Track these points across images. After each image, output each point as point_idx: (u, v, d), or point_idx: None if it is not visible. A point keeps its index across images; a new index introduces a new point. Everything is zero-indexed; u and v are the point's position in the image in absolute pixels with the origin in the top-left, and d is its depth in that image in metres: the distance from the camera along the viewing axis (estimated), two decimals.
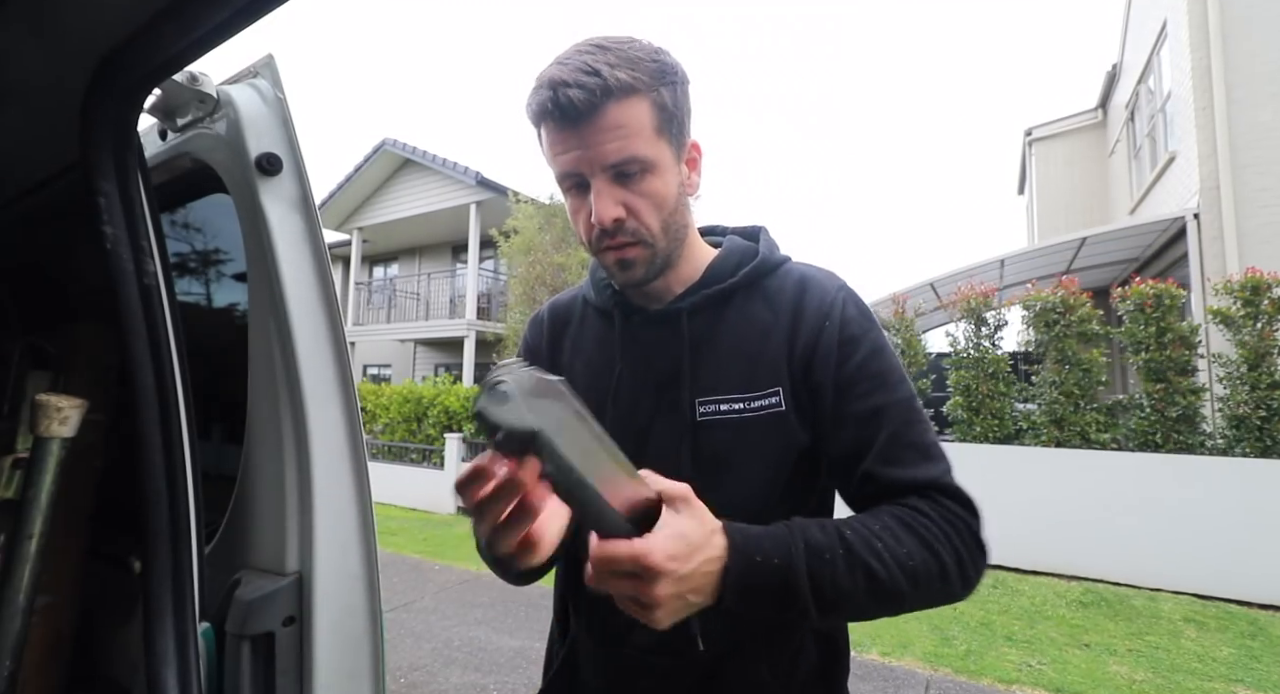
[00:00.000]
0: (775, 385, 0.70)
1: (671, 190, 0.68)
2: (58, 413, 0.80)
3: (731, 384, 0.71)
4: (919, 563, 0.59)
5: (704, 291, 0.75)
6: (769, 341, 0.71)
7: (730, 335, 0.73)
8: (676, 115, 0.67)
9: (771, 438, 0.69)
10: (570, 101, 0.61)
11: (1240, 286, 4.72)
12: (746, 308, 0.74)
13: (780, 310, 0.73)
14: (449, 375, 9.56)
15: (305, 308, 0.77)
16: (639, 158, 0.64)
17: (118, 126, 0.67)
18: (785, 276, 0.76)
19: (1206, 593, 4.20)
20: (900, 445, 0.66)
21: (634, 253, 0.68)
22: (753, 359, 0.71)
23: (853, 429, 0.67)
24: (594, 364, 0.80)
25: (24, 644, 0.77)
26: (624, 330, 0.78)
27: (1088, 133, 12.15)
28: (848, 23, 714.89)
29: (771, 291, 0.75)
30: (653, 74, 0.64)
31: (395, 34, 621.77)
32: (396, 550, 5.67)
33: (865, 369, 0.68)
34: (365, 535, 0.79)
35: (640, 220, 0.67)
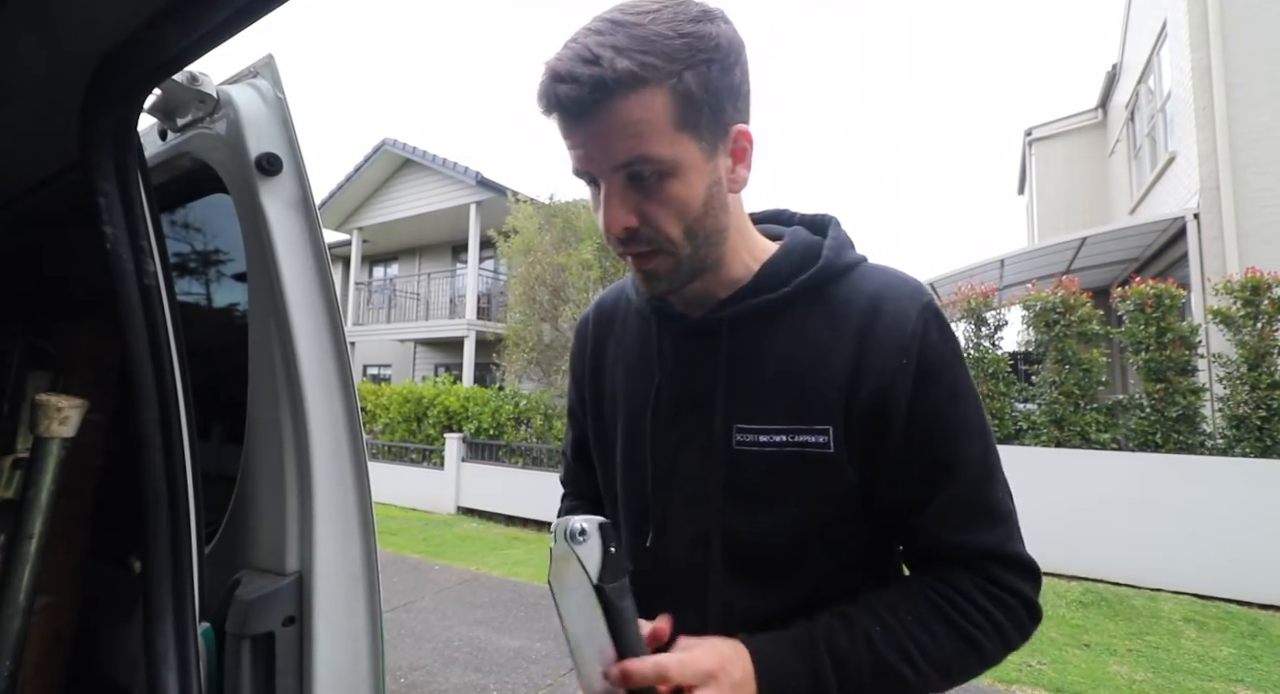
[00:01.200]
0: (826, 423, 0.60)
1: (697, 193, 0.58)
2: (58, 413, 0.80)
3: (775, 413, 0.62)
4: (952, 657, 0.57)
5: (751, 301, 0.65)
6: (826, 368, 0.61)
7: (780, 356, 0.63)
8: (710, 102, 0.56)
9: (813, 480, 0.61)
10: (567, 98, 0.53)
11: (1240, 286, 4.72)
12: (803, 324, 0.63)
13: (845, 331, 0.61)
14: (449, 375, 9.55)
15: (305, 308, 0.77)
16: (652, 159, 0.55)
17: (118, 126, 0.67)
18: (855, 287, 0.64)
19: (1206, 593, 4.20)
20: (963, 508, 0.60)
21: (655, 263, 0.60)
22: (804, 387, 0.61)
23: (914, 482, 0.61)
24: (634, 373, 0.73)
25: (24, 644, 0.77)
26: (661, 338, 0.71)
27: (1088, 133, 12.15)
28: (848, 22, 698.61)
29: (837, 304, 0.63)
30: (675, 55, 0.53)
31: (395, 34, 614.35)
32: (396, 550, 5.67)
33: (940, 416, 0.59)
34: (365, 535, 0.79)
35: (657, 228, 0.58)
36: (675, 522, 0.68)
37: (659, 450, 0.69)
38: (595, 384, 0.80)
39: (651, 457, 0.70)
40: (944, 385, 0.60)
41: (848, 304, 0.62)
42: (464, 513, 7.62)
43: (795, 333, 0.63)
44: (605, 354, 0.80)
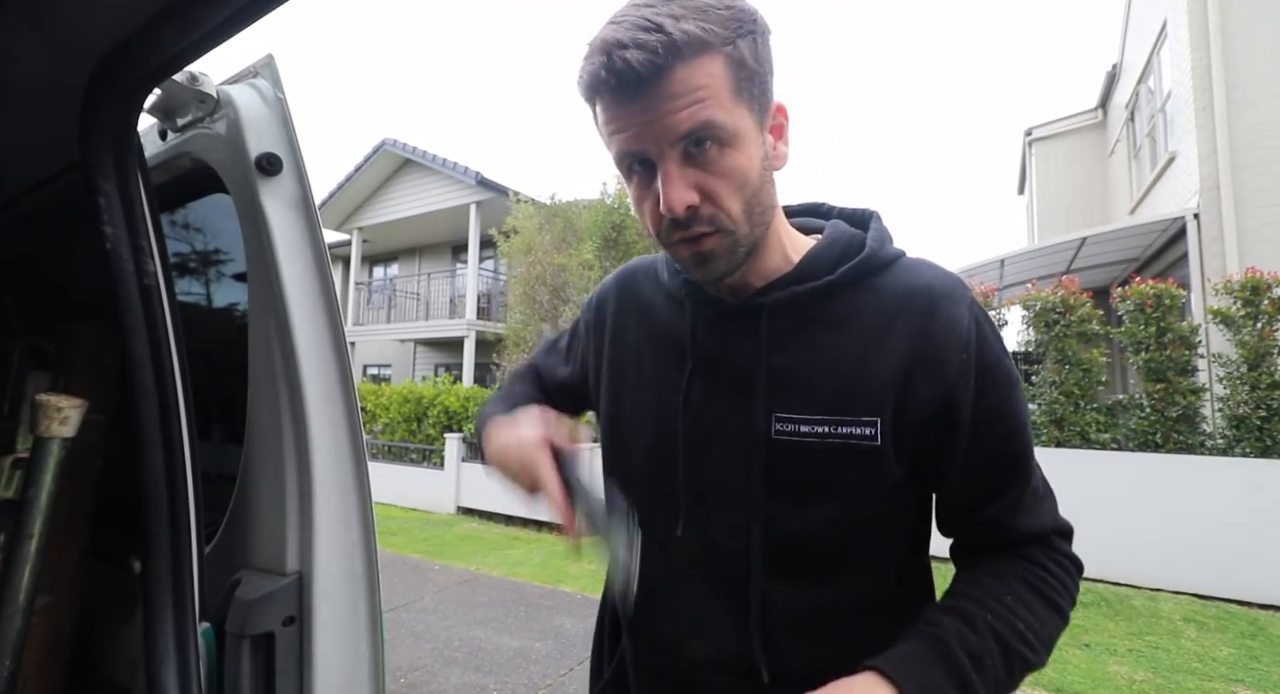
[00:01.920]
0: (875, 414, 0.58)
1: (755, 164, 0.57)
2: (58, 413, 0.80)
3: (818, 403, 0.60)
4: (1053, 628, 0.59)
5: (794, 288, 0.62)
6: (876, 359, 0.59)
7: (826, 346, 0.61)
8: (759, 72, 0.56)
9: (857, 473, 0.60)
10: (629, 65, 0.50)
11: (1240, 286, 4.72)
12: (849, 312, 0.62)
13: (897, 324, 0.60)
14: (449, 375, 9.56)
15: (305, 308, 0.77)
16: (716, 125, 0.53)
17: (118, 126, 0.67)
18: (904, 280, 0.62)
19: (1206, 593, 4.20)
20: (1029, 494, 0.63)
21: (712, 243, 0.58)
22: (850, 377, 0.59)
23: (985, 476, 0.61)
24: (663, 356, 0.70)
25: (24, 644, 0.77)
26: (696, 322, 0.68)
27: (1088, 133, 12.15)
28: (848, 22, 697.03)
29: (886, 295, 0.61)
30: (727, 23, 0.53)
31: (395, 34, 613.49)
32: (396, 550, 5.67)
33: (1005, 408, 0.60)
34: (365, 535, 0.79)
35: (719, 204, 0.56)
36: (711, 511, 0.65)
37: (692, 437, 0.66)
38: (616, 360, 0.76)
39: (684, 443, 0.66)
40: (1001, 381, 0.60)
41: (898, 296, 0.61)
42: (464, 513, 7.62)
43: (841, 321, 0.61)
44: (627, 330, 0.76)
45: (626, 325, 0.76)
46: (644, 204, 0.59)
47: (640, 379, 0.73)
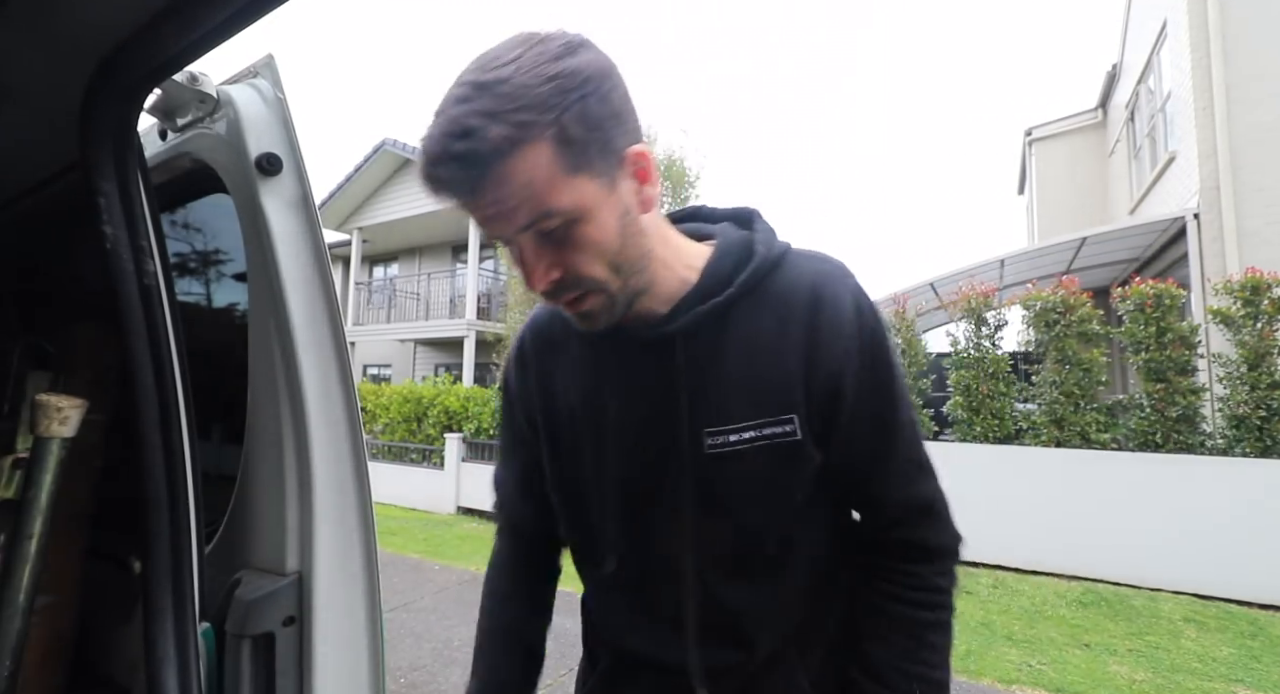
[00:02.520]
0: (790, 412, 0.63)
1: (610, 228, 0.56)
2: (58, 413, 0.80)
3: (742, 411, 0.64)
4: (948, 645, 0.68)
5: (699, 309, 0.64)
6: (781, 360, 0.63)
7: (736, 356, 0.64)
8: (595, 136, 0.53)
9: (787, 467, 0.65)
10: (449, 182, 0.51)
11: (1240, 286, 4.72)
12: (751, 321, 0.65)
13: (792, 324, 0.63)
14: (449, 375, 9.56)
15: (305, 308, 0.77)
16: (554, 212, 0.53)
17: (118, 126, 0.67)
18: (792, 278, 0.65)
19: (1206, 593, 4.20)
20: (906, 465, 0.68)
21: (589, 303, 0.60)
22: (764, 381, 0.63)
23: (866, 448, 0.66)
24: (587, 396, 0.72)
25: (24, 644, 0.77)
26: (613, 356, 0.69)
27: (1088, 133, 12.15)
28: (848, 22, 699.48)
29: (779, 298, 0.65)
30: (546, 104, 0.50)
31: (395, 34, 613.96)
32: (396, 550, 5.67)
33: (882, 387, 0.65)
34: (365, 535, 0.79)
35: (580, 274, 0.57)
36: (656, 536, 0.70)
37: (626, 468, 0.69)
38: (547, 409, 0.76)
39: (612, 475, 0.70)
40: (882, 359, 0.65)
41: (789, 296, 0.65)
42: (464, 513, 7.62)
43: (746, 332, 0.65)
44: (553, 377, 0.76)
45: (551, 371, 0.76)
46: (520, 269, 0.59)
47: (575, 422, 0.73)
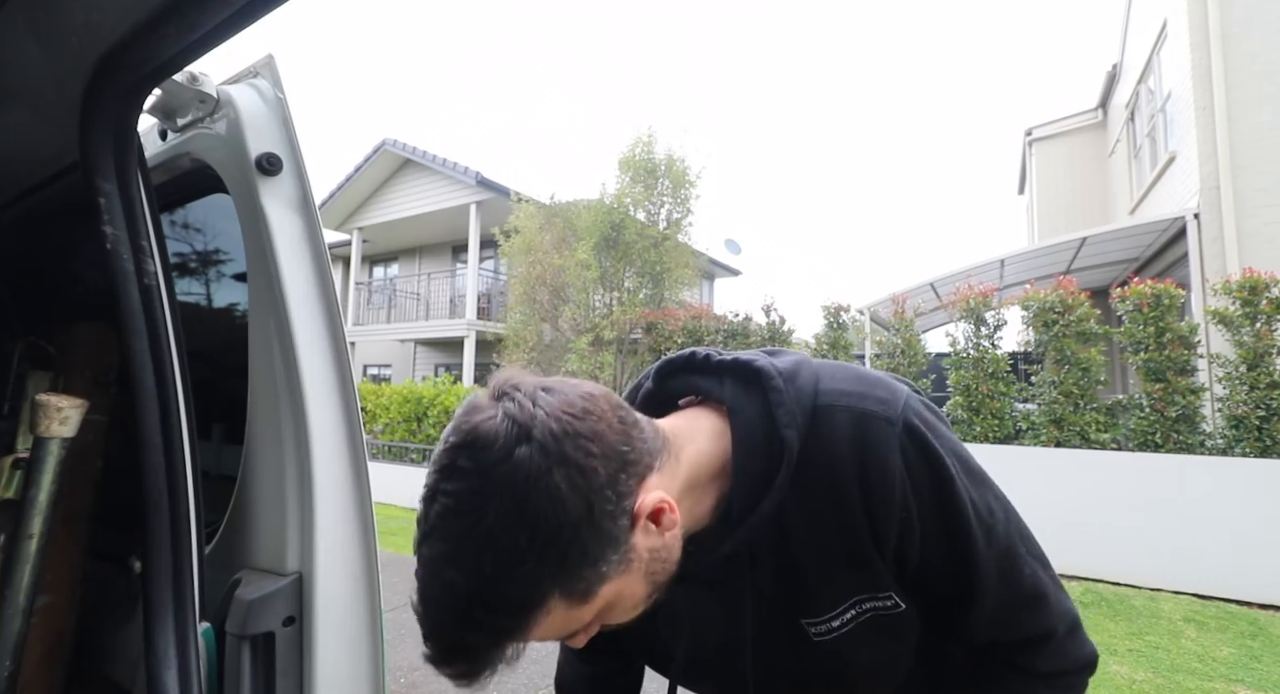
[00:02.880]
0: (882, 588, 0.59)
1: (638, 593, 0.52)
2: (58, 413, 0.79)
3: (834, 598, 0.59)
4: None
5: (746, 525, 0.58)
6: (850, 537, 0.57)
7: (805, 550, 0.58)
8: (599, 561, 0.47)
9: (900, 628, 0.62)
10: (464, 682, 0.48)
11: (1238, 287, 4.72)
12: (804, 510, 0.58)
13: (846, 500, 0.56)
14: (449, 375, 9.56)
15: (305, 308, 0.77)
16: (577, 628, 0.51)
17: (118, 126, 0.67)
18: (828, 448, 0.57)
19: (1206, 593, 4.20)
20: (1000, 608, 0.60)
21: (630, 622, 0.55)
22: (844, 565, 0.58)
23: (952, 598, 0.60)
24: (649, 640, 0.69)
25: (24, 644, 0.77)
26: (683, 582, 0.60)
27: (1088, 133, 12.15)
28: (848, 22, 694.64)
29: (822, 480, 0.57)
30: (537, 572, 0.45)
31: (395, 34, 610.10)
32: (396, 550, 5.66)
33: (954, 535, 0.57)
34: (365, 535, 0.79)
35: (620, 622, 0.54)
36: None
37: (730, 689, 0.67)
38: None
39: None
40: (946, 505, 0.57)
41: (834, 472, 0.56)
42: None
43: (804, 525, 0.58)
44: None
45: None
46: None
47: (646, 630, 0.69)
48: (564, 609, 0.47)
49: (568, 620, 0.49)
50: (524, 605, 0.45)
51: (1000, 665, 0.64)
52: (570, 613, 0.48)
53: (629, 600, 0.52)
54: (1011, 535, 0.61)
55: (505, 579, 0.44)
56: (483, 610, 0.45)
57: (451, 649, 0.46)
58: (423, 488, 0.48)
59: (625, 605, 0.52)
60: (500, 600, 0.45)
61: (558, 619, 0.48)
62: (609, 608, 0.51)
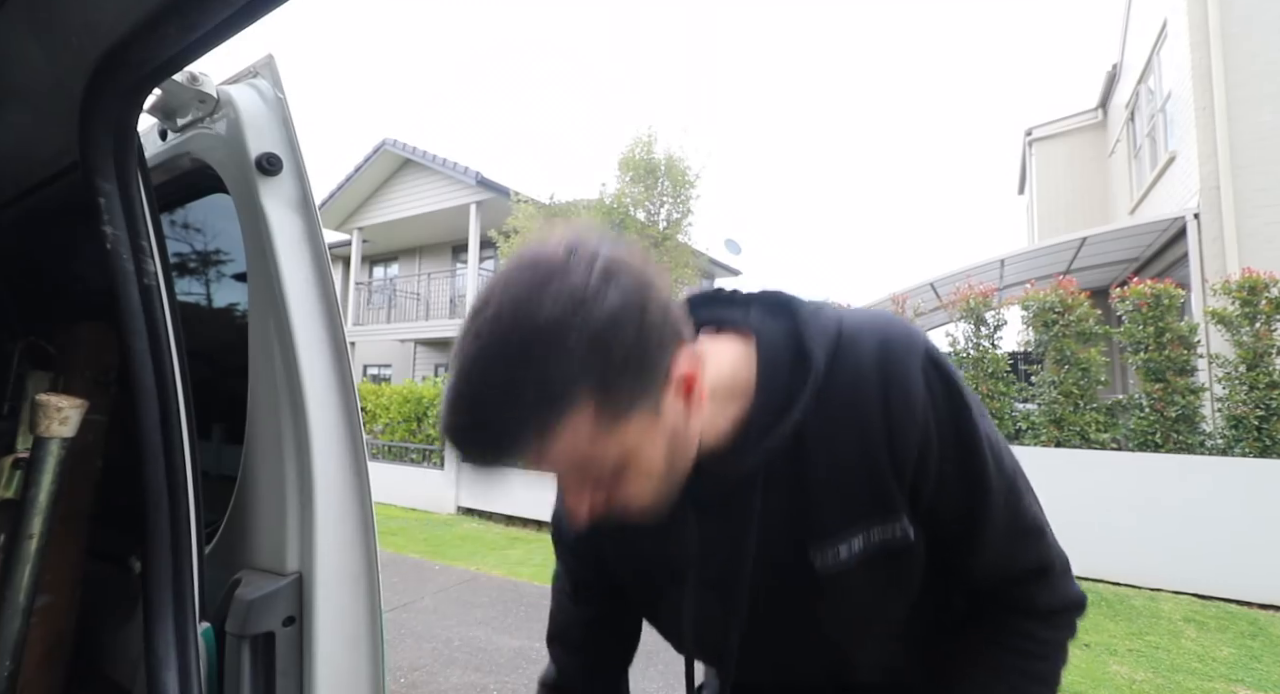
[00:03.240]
0: (894, 509, 0.58)
1: (658, 457, 0.53)
2: (58, 413, 0.79)
3: (843, 522, 0.59)
4: None
5: (766, 444, 0.58)
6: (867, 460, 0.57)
7: (820, 473, 0.58)
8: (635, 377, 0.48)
9: (904, 567, 0.61)
10: (484, 465, 0.49)
11: (1238, 287, 4.72)
12: (824, 433, 0.58)
13: (868, 426, 0.57)
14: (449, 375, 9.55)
15: (305, 308, 0.77)
16: (598, 462, 0.50)
17: (118, 126, 0.67)
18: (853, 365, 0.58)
19: (1206, 593, 4.20)
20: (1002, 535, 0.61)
21: (638, 507, 0.56)
22: (856, 487, 0.58)
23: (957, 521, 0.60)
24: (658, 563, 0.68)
25: (24, 644, 0.77)
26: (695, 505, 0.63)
27: (1088, 133, 12.15)
28: (848, 22, 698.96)
29: (846, 397, 0.57)
30: (583, 368, 0.45)
31: (395, 34, 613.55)
32: (396, 550, 5.66)
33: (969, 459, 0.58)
34: (365, 535, 0.79)
35: (630, 500, 0.54)
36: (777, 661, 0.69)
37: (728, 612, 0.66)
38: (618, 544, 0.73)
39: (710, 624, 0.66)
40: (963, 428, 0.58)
41: (858, 390, 0.57)
42: (464, 513, 7.62)
43: (823, 446, 0.58)
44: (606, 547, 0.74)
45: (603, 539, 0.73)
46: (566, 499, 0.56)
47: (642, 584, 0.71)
48: (593, 421, 0.47)
49: (592, 443, 0.48)
50: (562, 394, 0.45)
51: (1001, 610, 0.65)
52: (597, 433, 0.47)
53: (646, 463, 0.52)
54: (1016, 469, 0.63)
55: (552, 362, 0.44)
56: (523, 387, 0.44)
57: (482, 423, 0.46)
58: (474, 299, 0.49)
59: (642, 467, 0.52)
60: (542, 381, 0.44)
61: (584, 430, 0.47)
62: (628, 461, 0.51)
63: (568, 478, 0.53)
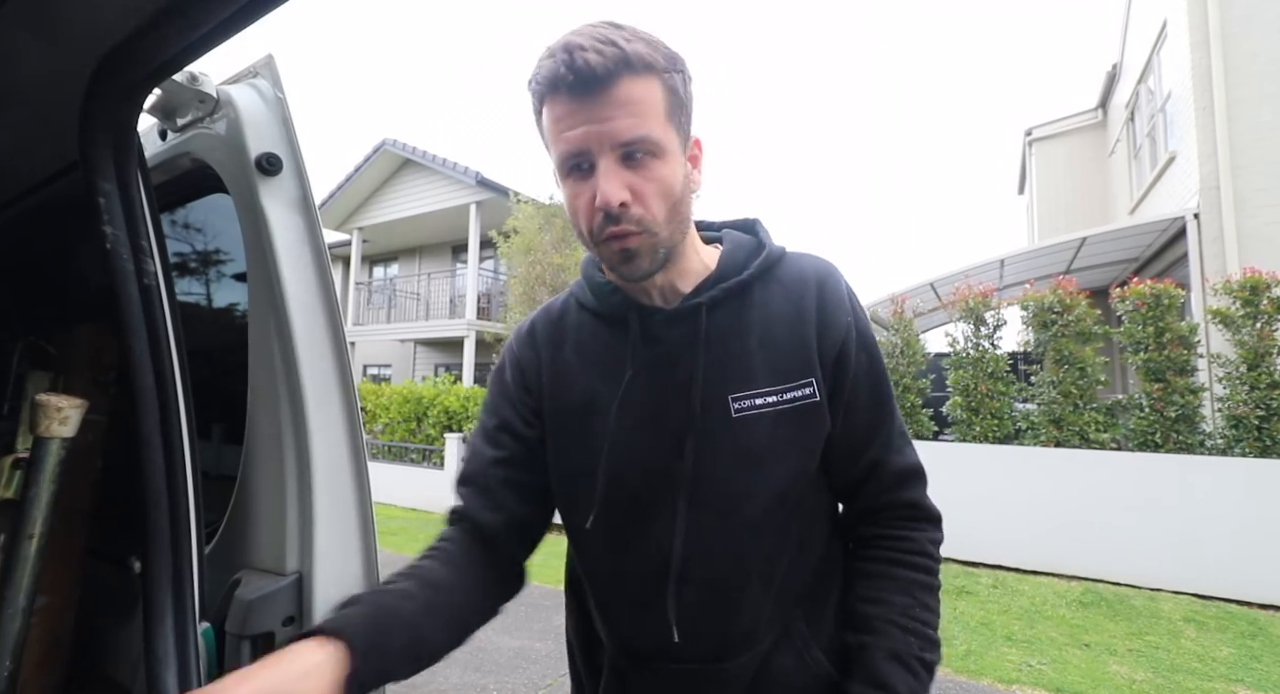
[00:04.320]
0: (808, 376, 0.69)
1: (679, 178, 0.66)
2: (58, 413, 0.80)
3: (765, 377, 0.69)
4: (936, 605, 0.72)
5: (722, 285, 0.72)
6: (796, 332, 0.71)
7: (757, 327, 0.71)
8: (685, 105, 0.66)
9: (807, 427, 0.70)
10: (588, 66, 0.58)
11: (1239, 287, 4.72)
12: (766, 299, 0.72)
13: (804, 302, 0.72)
14: (449, 375, 9.55)
15: (305, 308, 0.78)
16: (650, 139, 0.62)
17: (118, 126, 0.67)
18: (796, 268, 0.75)
19: (1206, 593, 4.20)
20: (898, 435, 0.75)
21: (636, 241, 0.64)
22: (782, 350, 0.70)
23: (867, 414, 0.73)
24: (607, 372, 0.74)
25: (24, 644, 0.77)
26: (642, 333, 0.73)
27: (1088, 133, 12.15)
28: (848, 21, 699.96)
29: (788, 282, 0.74)
30: (667, 57, 0.63)
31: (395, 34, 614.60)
32: (396, 550, 5.67)
33: (874, 362, 0.74)
34: (365, 535, 0.79)
35: (646, 206, 0.63)
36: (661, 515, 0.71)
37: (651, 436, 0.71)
38: (559, 394, 0.76)
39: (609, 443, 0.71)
40: (870, 337, 0.74)
41: (797, 277, 0.74)
42: None
43: (764, 307, 0.72)
44: (566, 363, 0.77)
45: (562, 357, 0.77)
46: (579, 201, 0.65)
47: (589, 398, 0.74)
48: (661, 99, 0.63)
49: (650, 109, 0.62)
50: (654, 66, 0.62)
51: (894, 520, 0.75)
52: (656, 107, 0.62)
53: (668, 175, 0.64)
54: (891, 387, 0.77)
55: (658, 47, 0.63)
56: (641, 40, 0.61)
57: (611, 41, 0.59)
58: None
59: (665, 175, 0.64)
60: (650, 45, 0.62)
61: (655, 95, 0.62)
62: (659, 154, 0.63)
63: (609, 161, 0.62)
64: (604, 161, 0.62)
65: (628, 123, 0.60)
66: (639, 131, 0.61)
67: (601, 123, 0.60)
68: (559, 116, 0.62)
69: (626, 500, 0.71)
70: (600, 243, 0.66)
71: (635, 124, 0.61)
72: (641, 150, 0.62)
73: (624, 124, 0.60)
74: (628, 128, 0.60)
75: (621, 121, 0.60)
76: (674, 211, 0.66)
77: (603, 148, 0.61)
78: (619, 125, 0.60)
